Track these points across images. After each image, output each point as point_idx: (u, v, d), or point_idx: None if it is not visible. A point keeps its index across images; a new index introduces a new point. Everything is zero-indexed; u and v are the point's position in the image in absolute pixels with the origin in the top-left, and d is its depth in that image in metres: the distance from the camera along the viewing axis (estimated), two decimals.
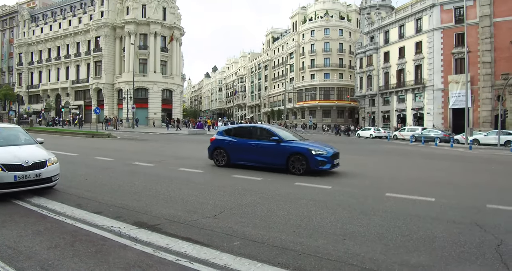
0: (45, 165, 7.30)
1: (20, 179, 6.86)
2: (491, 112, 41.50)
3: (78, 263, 4.03)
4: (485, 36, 41.93)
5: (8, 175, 6.76)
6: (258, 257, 4.32)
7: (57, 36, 69.55)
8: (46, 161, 7.38)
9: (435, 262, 4.34)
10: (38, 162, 7.20)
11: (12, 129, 8.83)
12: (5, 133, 8.41)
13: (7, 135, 8.37)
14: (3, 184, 6.74)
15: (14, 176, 6.78)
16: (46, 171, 7.26)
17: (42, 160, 7.33)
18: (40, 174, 7.12)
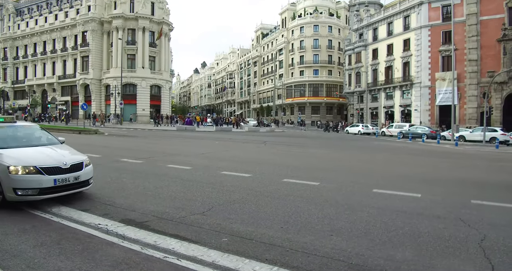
0: (83, 166, 6.77)
1: (60, 183, 6.24)
2: (477, 109, 42.13)
3: (64, 261, 4.01)
4: (471, 34, 42.47)
5: (48, 179, 6.08)
6: (246, 253, 4.35)
7: (43, 31, 68.37)
8: (83, 162, 6.85)
9: (420, 257, 4.42)
10: (76, 163, 6.66)
11: (31, 128, 8.16)
12: (27, 132, 7.77)
13: (29, 134, 7.74)
14: (42, 189, 6.03)
15: (54, 180, 6.13)
16: (84, 173, 6.73)
17: (79, 161, 6.80)
18: (78, 177, 6.57)
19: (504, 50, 40.23)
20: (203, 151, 17.15)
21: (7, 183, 5.91)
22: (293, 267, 3.99)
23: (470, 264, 4.25)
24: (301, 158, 15.81)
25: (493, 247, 4.76)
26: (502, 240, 5.03)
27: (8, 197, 5.95)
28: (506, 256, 4.48)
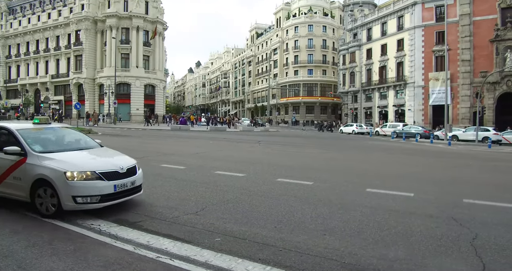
0: (136, 170, 6.44)
1: (119, 189, 5.88)
2: (469, 109, 42.43)
3: (56, 262, 3.98)
4: (464, 34, 42.77)
5: (108, 185, 5.71)
6: (239, 253, 4.35)
7: (36, 29, 67.83)
8: (136, 165, 6.52)
9: (412, 255, 4.45)
10: (131, 167, 6.31)
11: (67, 130, 7.58)
12: (65, 134, 7.21)
13: (68, 136, 7.20)
14: (103, 196, 5.65)
15: (114, 186, 5.78)
16: (138, 177, 6.38)
17: (133, 165, 6.45)
18: (134, 182, 6.23)
19: (497, 50, 40.55)
20: (197, 151, 17.13)
21: (65, 190, 5.44)
22: (286, 267, 4.00)
23: (461, 262, 4.29)
24: (295, 157, 15.84)
25: (485, 246, 4.80)
26: (494, 239, 5.08)
27: (66, 205, 5.48)
28: (497, 255, 4.52)
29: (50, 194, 5.56)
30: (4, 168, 5.95)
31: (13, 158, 5.87)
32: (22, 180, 5.75)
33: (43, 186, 5.61)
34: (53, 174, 5.52)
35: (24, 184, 5.72)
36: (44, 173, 5.57)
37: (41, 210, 5.66)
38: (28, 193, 5.71)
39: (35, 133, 6.53)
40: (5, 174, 5.94)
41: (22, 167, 5.78)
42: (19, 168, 5.82)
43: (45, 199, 5.62)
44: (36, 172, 5.64)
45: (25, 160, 5.80)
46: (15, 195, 5.93)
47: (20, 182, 5.77)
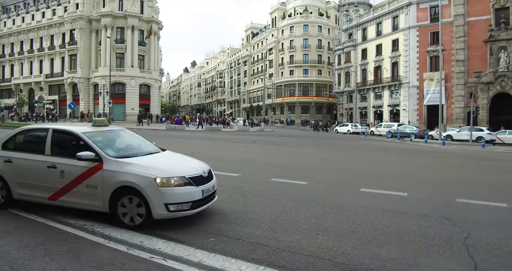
0: (213, 174, 6.15)
1: (206, 194, 5.57)
2: (463, 109, 42.70)
3: (49, 262, 3.97)
4: (459, 35, 43.03)
5: (198, 190, 5.40)
6: (233, 253, 4.36)
7: (30, 28, 67.37)
8: (211, 169, 6.26)
9: (405, 255, 4.48)
10: (210, 171, 6.06)
11: (126, 132, 7.06)
12: (128, 138, 6.72)
13: (131, 139, 6.72)
14: (194, 202, 5.33)
15: (202, 191, 5.46)
16: (215, 182, 6.07)
17: (210, 168, 6.20)
18: (214, 186, 5.93)
19: (491, 51, 40.84)
20: (192, 150, 17.08)
21: (156, 198, 5.05)
22: (279, 267, 4.01)
23: (453, 262, 4.32)
24: (290, 157, 15.86)
25: (477, 245, 4.84)
26: (486, 238, 5.12)
27: (158, 214, 5.09)
28: (489, 254, 4.56)
29: (137, 203, 5.13)
30: (73, 175, 5.46)
31: (85, 164, 5.40)
32: (99, 188, 5.28)
33: (127, 195, 5.17)
34: (142, 180, 5.11)
35: (102, 192, 5.26)
36: (130, 180, 5.14)
37: (124, 221, 5.21)
38: (107, 203, 5.25)
39: (101, 137, 6.05)
40: (75, 182, 5.45)
41: (98, 174, 5.32)
42: (94, 175, 5.34)
43: (130, 208, 5.19)
44: (119, 179, 5.20)
45: (101, 166, 5.33)
46: (88, 205, 5.45)
47: (96, 191, 5.31)
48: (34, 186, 5.77)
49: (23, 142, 6.39)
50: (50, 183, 5.61)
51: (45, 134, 5.98)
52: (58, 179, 5.55)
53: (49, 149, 5.82)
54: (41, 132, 6.28)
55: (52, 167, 5.60)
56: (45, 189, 5.67)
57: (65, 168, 5.53)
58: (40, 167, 5.69)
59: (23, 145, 6.31)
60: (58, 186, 5.55)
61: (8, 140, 6.32)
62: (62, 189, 5.54)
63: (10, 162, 5.97)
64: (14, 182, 5.93)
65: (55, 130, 6.03)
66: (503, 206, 7.19)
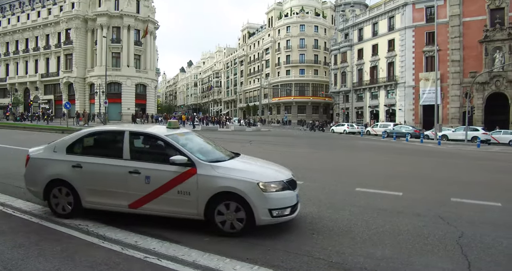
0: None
1: (298, 198, 5.46)
2: (459, 109, 42.89)
3: (43, 263, 3.96)
4: (454, 35, 43.22)
5: (295, 195, 5.28)
6: (227, 253, 4.36)
7: (25, 28, 67.03)
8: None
9: (399, 254, 4.50)
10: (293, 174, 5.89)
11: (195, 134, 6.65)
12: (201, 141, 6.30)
13: (205, 143, 6.30)
14: (292, 206, 5.17)
15: (296, 195, 5.34)
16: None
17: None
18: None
19: (486, 51, 41.06)
20: None
21: (260, 203, 4.87)
22: (273, 266, 4.02)
23: (447, 261, 4.34)
24: (286, 157, 15.87)
25: (470, 244, 4.88)
26: (479, 237, 5.15)
27: (261, 220, 4.92)
28: (482, 253, 4.59)
29: (235, 208, 4.94)
30: (162, 181, 5.13)
31: (175, 169, 5.11)
32: (193, 195, 5.01)
33: (226, 200, 4.96)
34: (245, 185, 4.92)
35: (196, 199, 5.00)
36: (232, 185, 4.93)
37: (222, 228, 4.99)
38: (203, 210, 4.99)
39: (184, 140, 5.73)
40: (163, 189, 5.12)
41: (192, 180, 5.03)
42: (186, 181, 5.04)
43: (229, 215, 4.97)
44: (218, 184, 4.96)
45: (194, 171, 5.05)
46: (178, 212, 5.16)
47: (189, 197, 5.02)
48: (110, 194, 5.37)
49: (93, 146, 6.05)
50: (132, 190, 5.24)
51: (121, 137, 5.58)
52: (142, 186, 5.19)
53: (128, 152, 5.41)
54: (115, 135, 5.94)
55: (134, 173, 5.22)
56: (124, 196, 5.29)
57: (151, 173, 5.18)
58: (120, 172, 5.29)
59: (93, 149, 5.99)
60: (141, 193, 5.19)
61: (73, 143, 5.83)
62: (146, 196, 5.17)
63: (80, 167, 5.48)
64: (84, 189, 5.46)
65: (133, 132, 5.68)
66: (497, 205, 7.24)
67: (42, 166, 5.77)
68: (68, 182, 5.54)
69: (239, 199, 4.90)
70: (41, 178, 5.69)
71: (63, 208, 5.61)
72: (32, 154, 5.99)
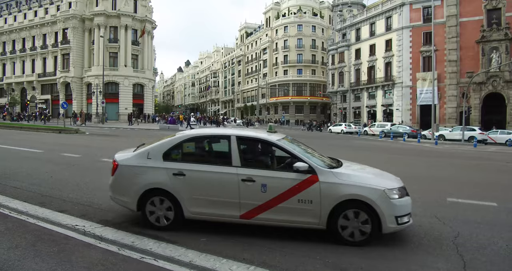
0: None
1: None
2: (456, 109, 43.03)
3: (39, 263, 3.95)
4: (451, 35, 43.34)
5: (411, 201, 5.15)
6: (224, 253, 4.36)
7: (23, 27, 66.88)
8: None
9: (395, 254, 4.55)
10: None
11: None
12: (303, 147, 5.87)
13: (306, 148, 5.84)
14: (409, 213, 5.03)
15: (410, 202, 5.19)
16: None
17: None
18: None
19: (483, 51, 41.21)
20: None
21: (388, 211, 4.70)
22: (270, 266, 4.03)
23: (443, 260, 4.37)
24: None
25: (466, 244, 4.90)
26: (475, 237, 5.19)
27: (387, 228, 4.73)
28: (478, 253, 4.62)
29: (361, 216, 4.75)
30: (280, 189, 4.85)
31: (294, 176, 4.86)
32: (315, 203, 4.77)
33: (350, 208, 4.77)
34: (372, 192, 4.73)
35: (319, 207, 4.77)
36: (359, 193, 4.73)
37: (347, 238, 4.79)
38: (326, 219, 4.80)
39: (292, 146, 5.45)
40: (282, 197, 4.84)
41: (314, 187, 4.80)
42: (308, 189, 4.80)
43: (353, 223, 4.77)
44: (343, 192, 4.75)
45: (316, 178, 4.83)
46: (296, 222, 4.89)
47: (311, 206, 4.78)
48: (218, 203, 5.01)
49: (195, 151, 5.76)
50: (245, 199, 4.92)
51: (226, 142, 5.25)
52: (257, 194, 4.88)
53: (237, 159, 5.07)
54: (219, 139, 5.64)
55: (248, 181, 4.91)
56: (235, 206, 4.96)
57: (267, 181, 4.89)
58: (231, 180, 4.96)
59: (195, 155, 5.72)
60: (256, 202, 4.88)
61: (171, 149, 5.40)
62: (262, 205, 4.87)
63: (183, 175, 5.09)
64: (188, 199, 5.07)
65: (240, 137, 5.32)
66: (493, 205, 7.27)
67: (135, 174, 5.29)
68: (168, 191, 5.11)
69: (365, 207, 4.72)
70: (135, 187, 5.22)
71: (158, 219, 5.21)
72: (122, 161, 5.49)
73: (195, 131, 5.93)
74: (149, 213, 5.23)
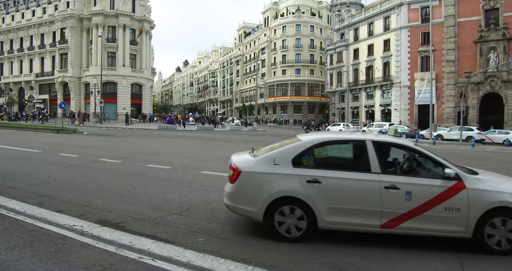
0: None
1: None
2: (454, 109, 43.14)
3: (37, 264, 3.94)
4: (449, 35, 43.45)
5: None
6: (222, 253, 4.36)
7: (20, 27, 66.72)
8: None
9: (393, 254, 4.56)
10: None
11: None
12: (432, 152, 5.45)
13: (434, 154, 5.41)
14: None
15: None
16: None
17: None
18: None
19: (481, 51, 41.33)
20: (183, 150, 17.07)
21: None
22: (268, 266, 4.03)
23: (440, 260, 4.39)
24: None
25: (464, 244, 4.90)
26: None
27: None
28: (475, 253, 4.63)
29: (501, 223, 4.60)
30: (426, 197, 4.67)
31: (440, 183, 4.71)
32: (462, 211, 4.59)
33: (496, 216, 4.60)
34: None
35: (466, 215, 4.59)
36: (509, 200, 4.59)
37: (494, 248, 4.61)
38: (473, 227, 4.59)
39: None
40: (427, 205, 4.65)
41: (462, 194, 4.63)
42: (455, 196, 4.64)
43: (500, 231, 4.59)
44: (493, 199, 4.59)
45: (463, 185, 4.67)
46: (442, 230, 4.71)
47: (457, 214, 4.61)
48: (358, 212, 4.78)
49: (328, 157, 5.55)
50: (388, 208, 4.72)
51: (362, 148, 5.09)
52: (401, 203, 4.69)
53: (377, 165, 4.88)
54: (353, 144, 5.46)
55: (391, 188, 4.71)
56: (376, 214, 4.75)
57: (411, 188, 4.70)
58: (372, 188, 4.75)
59: (329, 161, 5.51)
60: (400, 210, 4.70)
61: (300, 155, 5.13)
62: (406, 214, 4.69)
63: (318, 183, 4.83)
64: (323, 208, 4.81)
65: (376, 142, 5.12)
66: None
67: (263, 182, 4.99)
68: (301, 200, 4.84)
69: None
70: (263, 196, 4.92)
71: (288, 229, 4.91)
72: (246, 168, 5.13)
73: (325, 136, 5.71)
74: (278, 223, 4.93)
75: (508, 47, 39.88)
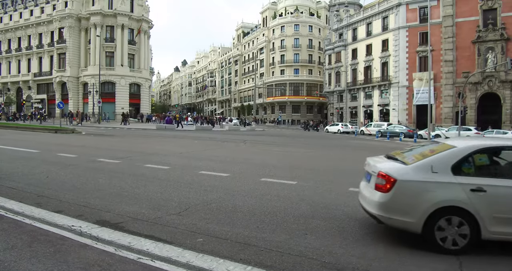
0: None
1: None
2: (452, 109, 43.24)
3: (35, 264, 3.93)
4: (447, 35, 43.53)
5: None
6: (221, 253, 4.36)
7: (18, 27, 66.60)
8: None
9: (392, 254, 4.55)
10: None
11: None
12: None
13: None
14: None
15: None
16: None
17: None
18: None
19: (479, 51, 41.43)
20: (182, 150, 17.06)
21: None
22: (266, 266, 4.03)
23: (439, 260, 4.39)
24: (280, 156, 15.90)
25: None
26: None
27: None
28: (474, 253, 4.63)
29: None
30: None
31: None
32: None
33: None
34: None
35: None
36: None
37: None
38: None
39: None
40: None
41: None
42: None
43: None
44: None
45: None
46: None
47: None
48: None
49: (490, 164, 5.24)
50: None
51: None
52: None
53: None
54: None
55: None
56: None
57: None
58: None
59: (492, 168, 5.20)
60: None
61: (460, 162, 4.86)
62: None
63: (483, 192, 4.58)
64: (488, 217, 4.57)
65: None
66: None
67: (421, 191, 4.74)
68: (465, 209, 4.60)
69: None
70: (423, 205, 4.67)
71: (450, 241, 4.64)
72: (401, 176, 4.82)
73: (485, 142, 5.39)
74: (439, 234, 4.69)
75: (506, 47, 39.98)
